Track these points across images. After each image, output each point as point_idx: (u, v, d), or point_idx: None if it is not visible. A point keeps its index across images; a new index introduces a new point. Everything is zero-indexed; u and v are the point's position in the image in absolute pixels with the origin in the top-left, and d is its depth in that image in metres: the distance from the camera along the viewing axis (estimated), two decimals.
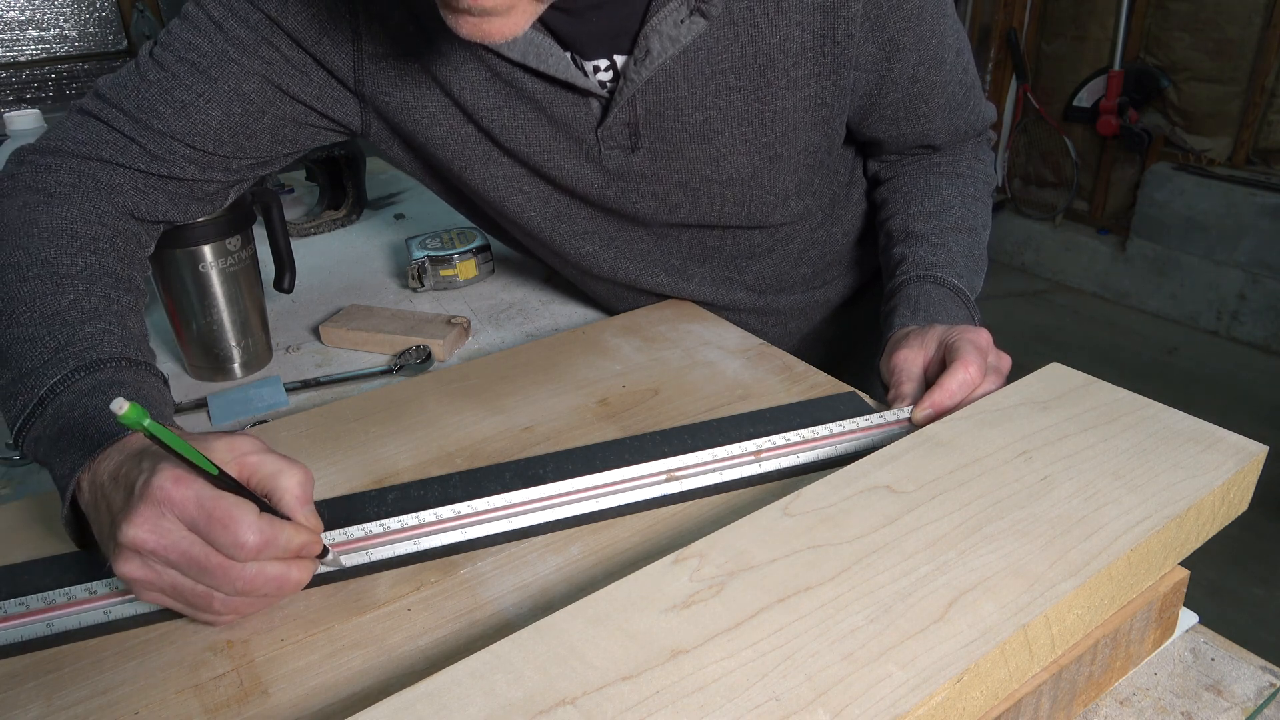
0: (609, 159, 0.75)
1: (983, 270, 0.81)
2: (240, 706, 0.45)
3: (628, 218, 0.82)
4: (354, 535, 0.53)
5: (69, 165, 0.69)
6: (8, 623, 0.49)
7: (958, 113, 0.82)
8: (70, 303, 0.61)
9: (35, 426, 0.56)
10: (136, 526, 0.45)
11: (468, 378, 0.75)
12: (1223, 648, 0.50)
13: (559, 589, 0.52)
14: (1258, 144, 2.96)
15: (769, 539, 0.44)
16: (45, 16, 1.83)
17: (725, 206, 0.80)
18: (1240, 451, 0.49)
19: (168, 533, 0.46)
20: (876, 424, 0.63)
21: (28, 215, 0.66)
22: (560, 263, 0.90)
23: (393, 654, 0.48)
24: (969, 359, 0.61)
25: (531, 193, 0.80)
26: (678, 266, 0.88)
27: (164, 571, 0.46)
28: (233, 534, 0.45)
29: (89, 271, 0.64)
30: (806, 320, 0.98)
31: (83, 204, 0.68)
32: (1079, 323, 3.25)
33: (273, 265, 0.91)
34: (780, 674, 0.36)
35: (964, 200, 0.82)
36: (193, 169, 0.72)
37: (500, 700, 0.36)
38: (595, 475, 0.59)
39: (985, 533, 0.44)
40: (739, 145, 0.74)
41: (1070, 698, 0.45)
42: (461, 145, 0.76)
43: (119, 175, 0.70)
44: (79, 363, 0.58)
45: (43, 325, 0.60)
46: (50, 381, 0.57)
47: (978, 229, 0.82)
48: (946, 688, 0.36)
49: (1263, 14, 2.79)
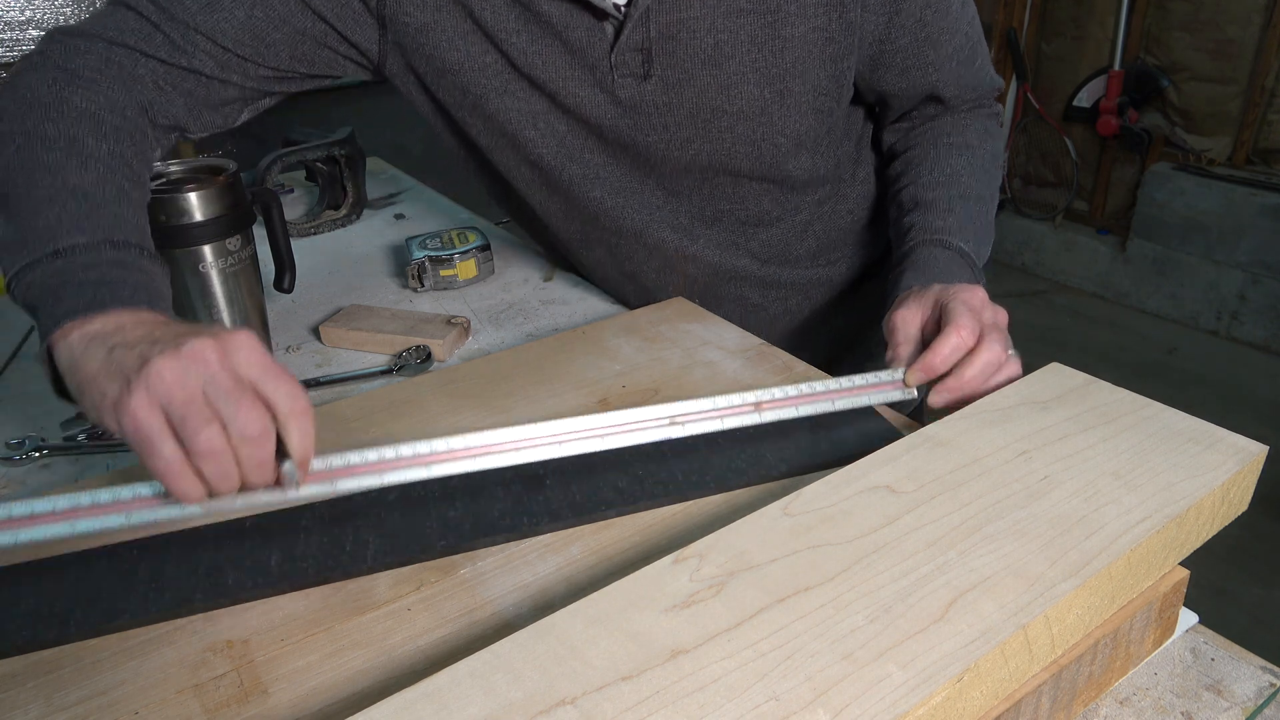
0: (622, 87, 0.77)
1: (989, 239, 0.81)
2: (240, 706, 0.45)
3: (639, 163, 0.83)
4: (334, 465, 0.53)
5: (97, 49, 0.71)
6: (36, 523, 0.49)
7: (966, 66, 0.83)
8: (93, 181, 0.63)
9: (39, 271, 0.57)
10: (165, 369, 0.47)
11: (468, 378, 0.75)
12: (1223, 648, 0.50)
13: (559, 589, 0.52)
14: (1258, 144, 2.96)
15: (769, 539, 0.44)
16: (45, 16, 1.83)
17: (736, 146, 0.80)
18: (1240, 451, 0.49)
19: (209, 369, 0.48)
20: (872, 383, 0.65)
21: (57, 92, 0.67)
22: (564, 218, 0.90)
23: (393, 654, 0.48)
24: (961, 322, 0.62)
25: (545, 129, 0.81)
26: (685, 225, 0.88)
27: (193, 408, 0.47)
28: (286, 381, 0.49)
29: (111, 159, 0.65)
30: (808, 299, 0.98)
31: (108, 92, 0.69)
32: (1079, 323, 3.25)
33: (273, 265, 0.91)
34: (780, 674, 0.36)
35: (973, 170, 0.83)
36: (212, 64, 0.73)
37: (500, 700, 0.36)
38: (601, 415, 0.58)
39: (985, 533, 0.44)
40: (749, 73, 0.76)
41: (1070, 698, 0.45)
42: (480, 73, 0.78)
43: (141, 65, 0.72)
44: (106, 235, 0.59)
45: (65, 192, 0.61)
46: (72, 241, 0.58)
47: (986, 198, 0.83)
48: (946, 688, 0.36)
49: (1263, 14, 2.79)
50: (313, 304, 1.00)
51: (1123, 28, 3.11)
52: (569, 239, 0.93)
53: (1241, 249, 2.95)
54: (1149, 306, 3.26)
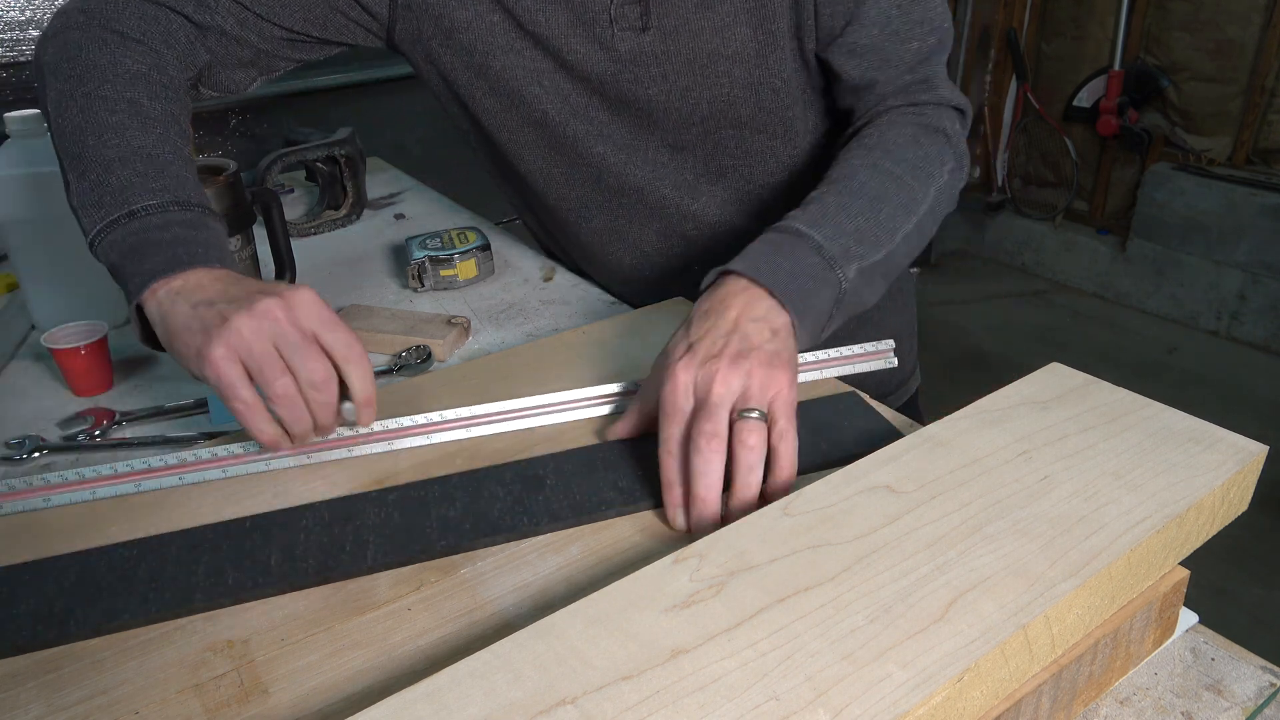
0: (621, 40, 0.78)
1: (882, 242, 0.69)
2: (240, 706, 0.45)
3: (642, 118, 0.84)
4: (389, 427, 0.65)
5: (135, 6, 0.75)
6: (155, 475, 0.61)
7: (892, 40, 0.77)
8: (154, 142, 0.67)
9: (117, 233, 0.62)
10: (260, 310, 0.56)
11: (468, 378, 0.75)
12: (1223, 648, 0.50)
13: (559, 589, 0.52)
14: (1258, 144, 2.96)
15: (769, 539, 0.44)
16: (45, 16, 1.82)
17: (734, 91, 0.81)
18: (1240, 451, 0.49)
19: (286, 320, 0.57)
20: (858, 354, 0.73)
21: (110, 55, 0.71)
22: (565, 183, 0.90)
23: (393, 654, 0.48)
24: (664, 429, 0.57)
25: (550, 86, 0.82)
26: (689, 183, 0.88)
27: (268, 357, 0.56)
28: (344, 331, 0.59)
29: (166, 119, 0.70)
30: None
31: (154, 52, 0.74)
32: (1079, 323, 3.25)
33: (273, 265, 0.91)
34: (780, 674, 0.36)
35: (875, 172, 0.72)
36: (233, 21, 0.77)
37: (500, 700, 0.36)
38: (605, 385, 0.69)
39: (985, 533, 0.44)
40: (741, 14, 0.77)
41: (1070, 698, 0.45)
42: (485, 31, 0.80)
43: (175, 22, 0.76)
44: (173, 197, 0.64)
45: (131, 153, 0.66)
46: (144, 201, 0.63)
47: (884, 198, 0.71)
48: (946, 688, 0.36)
49: (1263, 14, 2.79)
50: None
51: (1123, 28, 3.11)
52: (569, 210, 0.93)
53: (1241, 249, 2.95)
54: (1149, 306, 3.26)
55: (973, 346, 3.11)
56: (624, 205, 0.90)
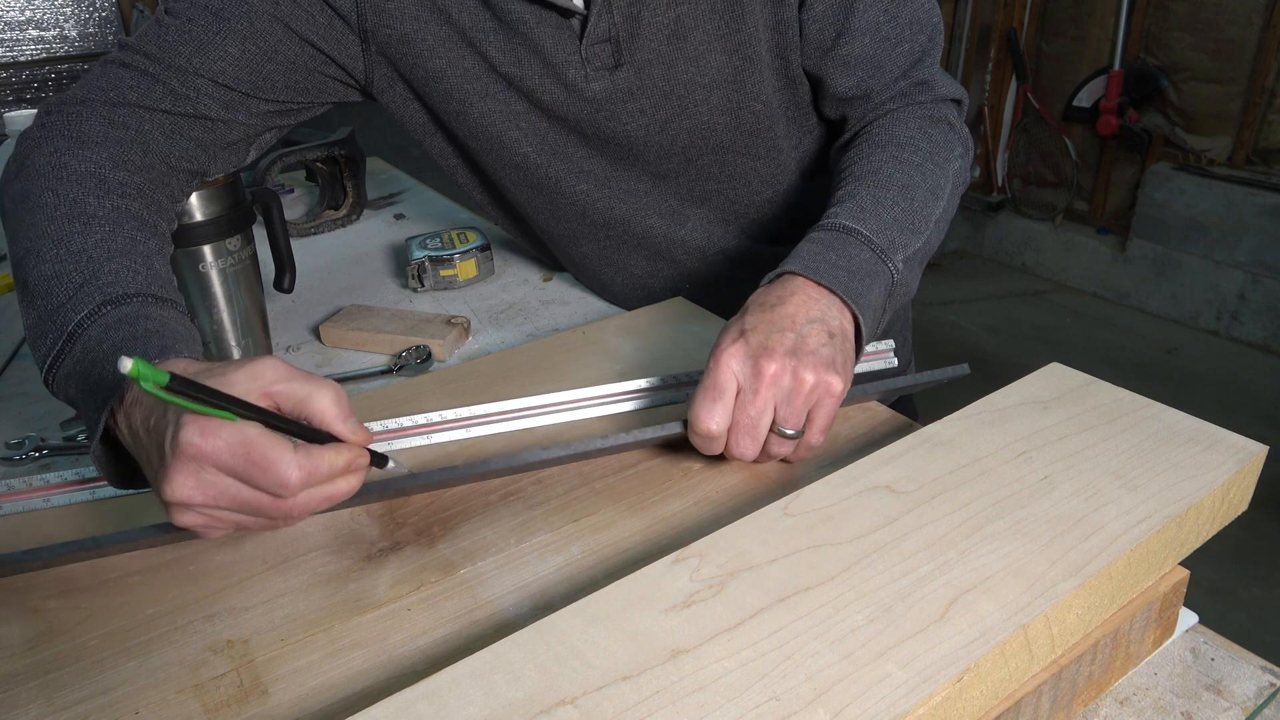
0: (596, 80, 0.77)
1: (919, 229, 0.70)
2: (240, 706, 0.45)
3: (623, 153, 0.83)
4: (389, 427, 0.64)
5: (99, 113, 0.70)
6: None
7: (884, 45, 0.77)
8: (97, 242, 0.62)
9: (65, 363, 0.56)
10: (179, 486, 0.46)
11: (468, 378, 0.75)
12: (1223, 648, 0.50)
13: (559, 589, 0.52)
14: (1258, 144, 2.96)
15: (769, 539, 0.44)
16: (45, 16, 1.83)
17: (714, 117, 0.80)
18: (1240, 451, 0.49)
19: (211, 485, 0.47)
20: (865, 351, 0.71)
21: (58, 160, 0.67)
22: (552, 217, 0.90)
23: (393, 654, 0.48)
24: (700, 412, 0.57)
25: (528, 128, 0.82)
26: (673, 209, 0.88)
27: (219, 514, 0.48)
28: (274, 475, 0.46)
29: (115, 214, 0.65)
30: None
31: (113, 149, 0.69)
32: (1079, 323, 3.25)
33: (273, 265, 0.91)
34: (780, 674, 0.36)
35: (898, 164, 0.73)
36: (217, 106, 0.73)
37: (500, 700, 0.36)
38: (618, 384, 0.71)
39: (985, 533, 0.44)
40: (714, 41, 0.76)
41: (1070, 698, 0.45)
42: (461, 78, 0.79)
43: (147, 120, 0.71)
44: (105, 297, 0.58)
45: (69, 262, 0.60)
46: (77, 317, 0.57)
47: (912, 185, 0.72)
48: (946, 688, 0.36)
49: (1263, 14, 2.79)
50: (313, 304, 1.00)
51: (1123, 28, 3.12)
52: (558, 238, 0.93)
53: (1241, 249, 2.95)
54: (1149, 306, 3.27)
55: (973, 346, 3.11)
56: (611, 236, 0.90)
